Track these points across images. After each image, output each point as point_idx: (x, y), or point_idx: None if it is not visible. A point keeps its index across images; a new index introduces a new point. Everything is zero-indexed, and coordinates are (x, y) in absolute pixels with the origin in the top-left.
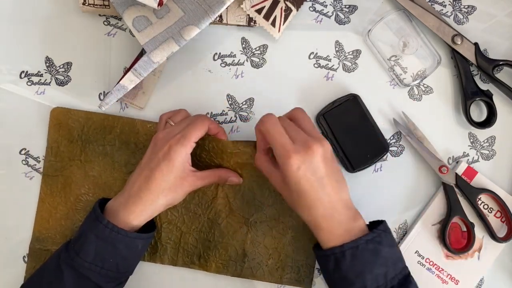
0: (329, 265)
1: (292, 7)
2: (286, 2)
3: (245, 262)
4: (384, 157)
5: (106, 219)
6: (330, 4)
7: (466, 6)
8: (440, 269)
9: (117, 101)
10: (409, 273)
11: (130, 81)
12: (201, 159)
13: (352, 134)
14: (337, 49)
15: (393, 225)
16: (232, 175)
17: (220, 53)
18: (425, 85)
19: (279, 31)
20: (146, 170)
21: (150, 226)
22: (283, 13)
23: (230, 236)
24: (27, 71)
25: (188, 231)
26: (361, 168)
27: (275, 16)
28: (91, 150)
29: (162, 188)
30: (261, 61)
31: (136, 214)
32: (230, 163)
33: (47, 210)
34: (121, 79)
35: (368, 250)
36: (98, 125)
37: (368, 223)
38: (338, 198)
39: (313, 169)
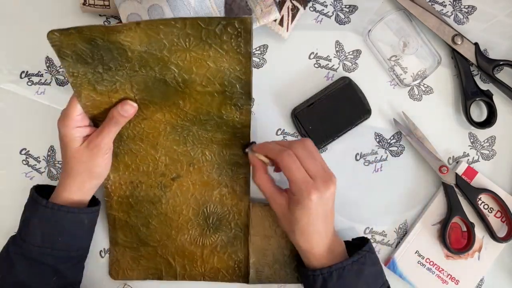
0: (317, 284)
1: (299, 6)
2: (293, 1)
3: None
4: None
5: (45, 199)
6: (330, 4)
7: (466, 6)
8: (440, 269)
9: None
10: (388, 286)
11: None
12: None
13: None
14: (337, 49)
15: (393, 225)
16: (119, 105)
17: None
18: (425, 85)
19: (287, 30)
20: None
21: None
22: (290, 12)
23: None
24: (27, 71)
25: None
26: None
27: (283, 16)
28: None
29: (69, 157)
30: (261, 61)
31: (70, 189)
32: None
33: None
34: None
35: (353, 271)
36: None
37: (351, 239)
38: (331, 227)
39: (325, 203)
